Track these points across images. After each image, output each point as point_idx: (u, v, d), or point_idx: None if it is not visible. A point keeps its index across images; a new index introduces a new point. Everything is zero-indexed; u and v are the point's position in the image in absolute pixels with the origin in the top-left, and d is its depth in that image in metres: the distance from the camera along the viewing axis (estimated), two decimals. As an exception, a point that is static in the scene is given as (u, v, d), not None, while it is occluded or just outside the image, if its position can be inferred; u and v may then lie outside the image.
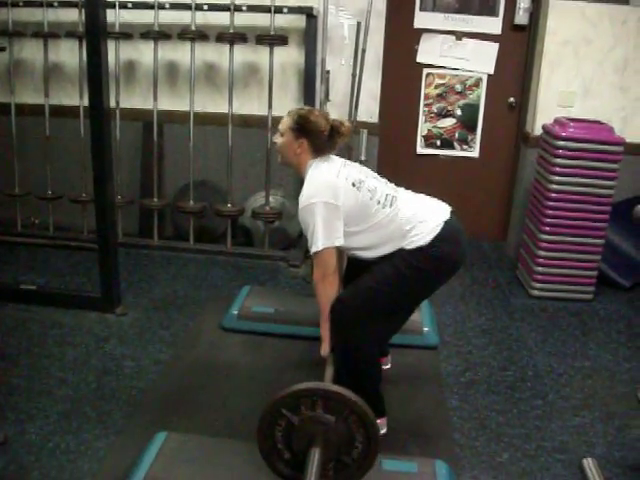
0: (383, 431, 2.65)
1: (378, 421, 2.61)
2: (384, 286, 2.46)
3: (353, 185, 2.45)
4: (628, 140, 4.04)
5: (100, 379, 2.99)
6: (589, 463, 1.73)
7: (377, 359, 2.72)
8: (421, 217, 2.47)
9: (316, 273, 2.49)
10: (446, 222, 2.47)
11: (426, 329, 3.42)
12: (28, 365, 3.08)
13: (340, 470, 2.15)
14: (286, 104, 4.59)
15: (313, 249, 2.43)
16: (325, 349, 2.53)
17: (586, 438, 2.76)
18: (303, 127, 2.52)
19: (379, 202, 2.47)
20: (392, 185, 2.59)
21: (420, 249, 2.43)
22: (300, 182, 4.73)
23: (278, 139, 2.62)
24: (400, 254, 2.45)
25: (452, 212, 2.54)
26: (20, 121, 4.65)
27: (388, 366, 3.07)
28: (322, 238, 2.40)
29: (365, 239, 2.49)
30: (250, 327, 3.44)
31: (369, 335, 2.53)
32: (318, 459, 2.03)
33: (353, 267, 2.71)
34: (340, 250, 2.54)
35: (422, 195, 2.62)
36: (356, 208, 2.44)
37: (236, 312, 3.51)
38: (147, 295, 3.91)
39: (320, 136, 2.53)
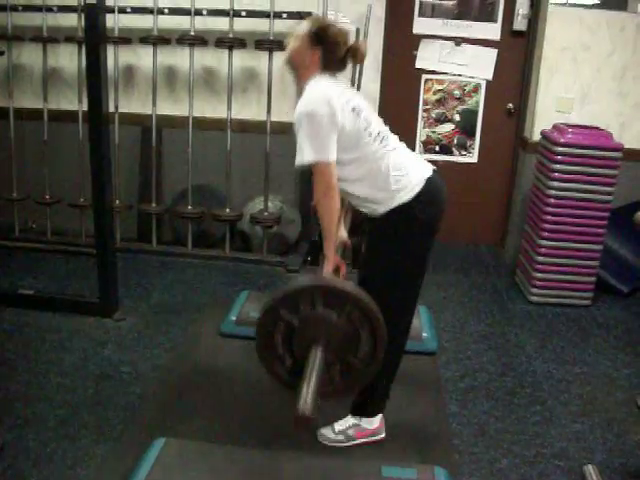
0: (382, 436, 2.65)
1: (376, 424, 2.63)
2: (385, 270, 2.40)
3: (353, 110, 2.35)
4: (626, 146, 4.04)
5: (98, 384, 2.98)
6: (590, 470, 1.72)
7: None
8: (408, 167, 2.41)
9: (318, 190, 2.32)
10: (429, 179, 2.41)
11: (425, 335, 3.42)
12: (26, 370, 3.06)
13: (347, 373, 2.04)
14: (285, 109, 4.61)
15: (304, 160, 2.28)
16: (328, 269, 2.41)
17: (585, 444, 2.75)
18: (321, 37, 2.37)
19: (371, 134, 2.37)
20: (386, 127, 2.50)
21: (402, 208, 2.35)
22: (298, 187, 4.77)
23: (291, 42, 2.44)
24: (382, 223, 2.39)
25: (435, 170, 2.48)
26: (19, 125, 4.64)
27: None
28: (313, 150, 2.27)
29: (354, 171, 2.38)
30: (248, 333, 3.38)
31: (406, 322, 2.51)
32: (320, 357, 1.91)
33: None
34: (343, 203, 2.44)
35: (409, 150, 2.55)
36: (351, 134, 2.33)
37: (234, 318, 3.50)
38: (145, 300, 3.91)
39: (335, 52, 2.39)
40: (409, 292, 2.50)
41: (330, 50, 2.38)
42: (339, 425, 2.62)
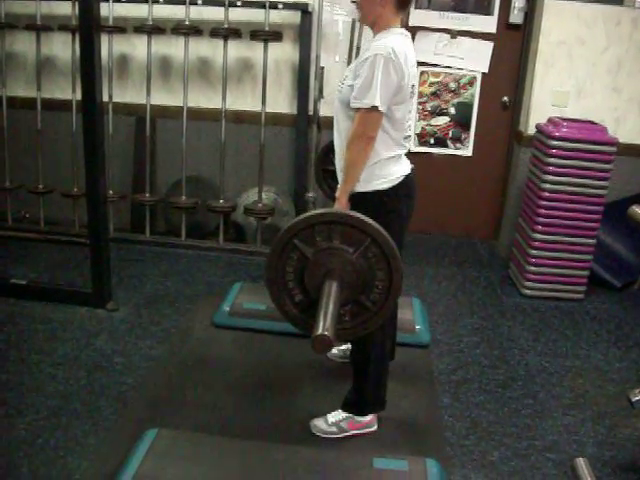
0: (374, 429, 2.65)
1: (370, 417, 2.63)
2: None
3: (412, 87, 2.38)
4: (621, 140, 4.05)
5: (90, 375, 2.98)
6: (581, 463, 1.72)
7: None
8: (397, 160, 2.43)
9: (357, 129, 2.28)
10: (407, 175, 2.46)
11: (418, 327, 3.43)
12: (18, 360, 3.05)
13: (357, 315, 1.98)
14: (280, 100, 4.61)
15: (368, 102, 2.23)
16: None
17: (576, 437, 2.77)
18: None
19: (403, 124, 2.40)
20: (411, 129, 2.52)
21: (377, 195, 2.36)
22: (292, 178, 4.75)
23: None
24: (357, 201, 2.37)
25: (412, 168, 2.52)
26: (12, 114, 4.61)
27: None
28: (381, 97, 2.22)
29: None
30: (241, 324, 3.43)
31: None
32: (335, 288, 1.83)
33: None
34: None
35: None
36: (398, 105, 2.32)
37: (228, 309, 3.50)
38: (138, 291, 3.90)
39: None
40: None
41: None
42: (332, 417, 2.62)
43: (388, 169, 2.41)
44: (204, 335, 3.42)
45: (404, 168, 2.48)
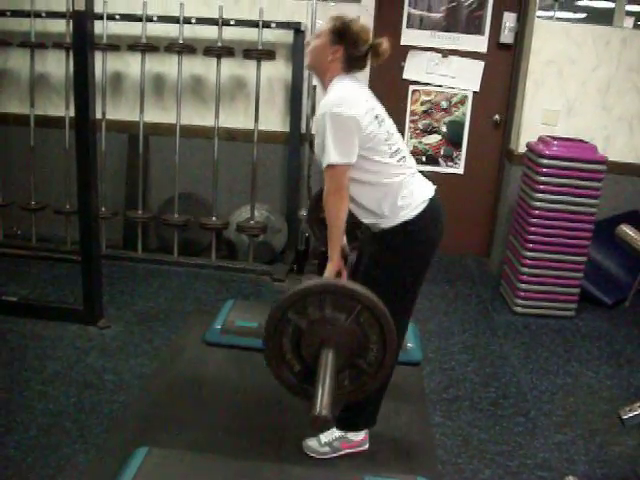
0: (366, 447, 2.64)
1: (362, 436, 2.62)
2: (383, 284, 2.36)
3: (376, 118, 2.36)
4: (611, 159, 4.08)
5: (81, 393, 2.96)
6: (571, 482, 1.73)
7: None
8: (415, 185, 2.42)
9: (328, 187, 2.32)
10: (431, 199, 2.42)
11: (410, 345, 3.42)
12: (8, 378, 3.03)
13: (356, 378, 2.02)
14: (272, 118, 4.63)
15: (326, 162, 2.27)
16: (331, 272, 2.37)
17: (568, 455, 2.76)
18: (343, 34, 2.36)
19: (390, 148, 2.38)
20: (405, 146, 2.49)
21: (403, 226, 2.35)
22: (285, 196, 4.77)
23: (313, 40, 2.45)
24: (383, 238, 2.39)
25: (436, 190, 2.48)
26: (4, 130, 4.63)
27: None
28: (338, 153, 2.25)
29: (366, 178, 2.36)
30: (233, 342, 3.42)
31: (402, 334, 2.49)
32: (332, 357, 1.87)
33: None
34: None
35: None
36: (371, 141, 2.32)
37: (219, 326, 3.49)
38: (130, 308, 3.89)
39: (357, 48, 2.38)
40: (403, 307, 2.49)
41: (352, 47, 2.37)
42: (325, 437, 2.60)
43: (404, 198, 2.37)
44: (195, 353, 3.40)
45: (425, 192, 2.43)
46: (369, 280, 2.41)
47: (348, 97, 2.32)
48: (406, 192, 2.38)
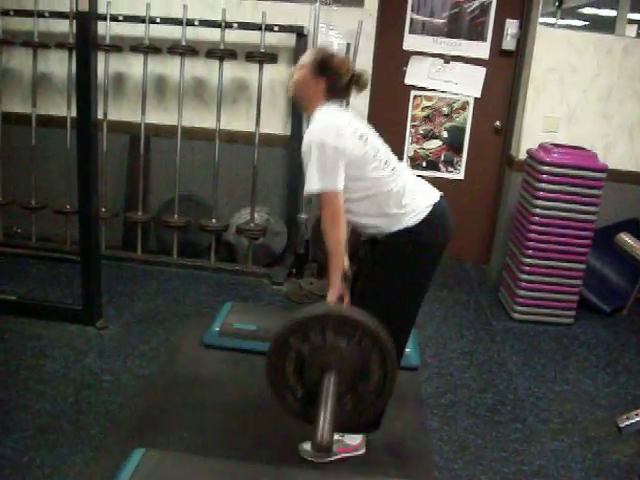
0: (362, 452, 2.64)
1: (359, 440, 2.62)
2: (387, 291, 2.41)
3: (360, 137, 2.39)
4: (611, 167, 4.09)
5: (78, 393, 2.96)
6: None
7: None
8: (416, 192, 2.45)
9: (324, 213, 2.37)
10: (435, 205, 2.45)
11: (407, 350, 3.40)
12: (5, 377, 3.03)
13: (358, 403, 2.03)
14: (273, 121, 4.64)
15: (312, 189, 2.34)
16: (332, 297, 2.37)
17: (564, 463, 2.76)
18: (325, 67, 2.43)
19: (380, 161, 2.41)
20: (393, 156, 2.52)
21: (408, 232, 2.38)
22: (285, 199, 4.77)
23: (296, 72, 2.51)
24: (388, 243, 2.42)
25: (442, 196, 2.51)
26: (6, 130, 4.63)
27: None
28: (322, 180, 2.31)
29: (362, 195, 2.41)
30: (231, 344, 3.42)
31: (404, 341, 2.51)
32: (334, 383, 1.90)
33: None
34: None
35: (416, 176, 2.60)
36: (359, 161, 2.36)
37: (218, 328, 3.49)
38: (129, 309, 3.89)
39: (339, 80, 2.45)
40: (407, 314, 2.52)
41: (334, 79, 2.44)
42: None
43: (410, 204, 2.40)
44: (193, 355, 3.40)
45: (429, 199, 2.46)
46: (372, 290, 2.43)
47: (328, 125, 2.38)
48: (408, 199, 2.41)
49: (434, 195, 2.50)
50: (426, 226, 2.40)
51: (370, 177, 2.39)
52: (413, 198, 2.42)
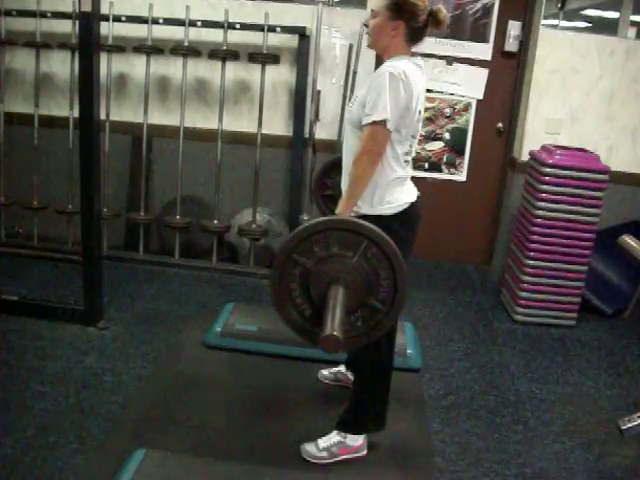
0: (364, 453, 2.64)
1: (360, 442, 2.62)
2: None
3: (419, 113, 2.37)
4: (613, 169, 4.09)
5: (80, 393, 2.96)
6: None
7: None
8: (404, 186, 2.45)
9: (365, 145, 2.27)
10: (413, 203, 2.44)
11: (409, 351, 3.42)
12: (6, 377, 3.03)
13: (369, 318, 1.96)
14: (276, 122, 4.64)
15: (375, 117, 2.23)
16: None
17: (566, 465, 2.76)
18: (401, 7, 2.32)
19: (411, 146, 2.40)
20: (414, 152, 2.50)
21: (381, 220, 2.28)
22: (287, 200, 4.76)
23: (371, 20, 2.41)
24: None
25: (418, 196, 2.51)
26: (8, 130, 4.63)
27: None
28: (390, 112, 2.22)
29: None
30: (233, 345, 3.42)
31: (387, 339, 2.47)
32: (341, 290, 1.82)
33: None
34: None
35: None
36: (405, 126, 2.32)
37: (219, 329, 3.49)
38: (130, 309, 3.89)
39: (418, 20, 2.35)
40: None
41: (413, 19, 2.35)
42: (323, 442, 2.60)
43: (393, 195, 2.38)
44: (195, 355, 3.40)
45: (409, 195, 2.46)
46: None
47: (415, 78, 2.32)
48: (397, 192, 2.40)
49: (414, 194, 2.50)
50: (398, 220, 2.38)
51: (392, 148, 2.34)
52: (402, 191, 2.42)
